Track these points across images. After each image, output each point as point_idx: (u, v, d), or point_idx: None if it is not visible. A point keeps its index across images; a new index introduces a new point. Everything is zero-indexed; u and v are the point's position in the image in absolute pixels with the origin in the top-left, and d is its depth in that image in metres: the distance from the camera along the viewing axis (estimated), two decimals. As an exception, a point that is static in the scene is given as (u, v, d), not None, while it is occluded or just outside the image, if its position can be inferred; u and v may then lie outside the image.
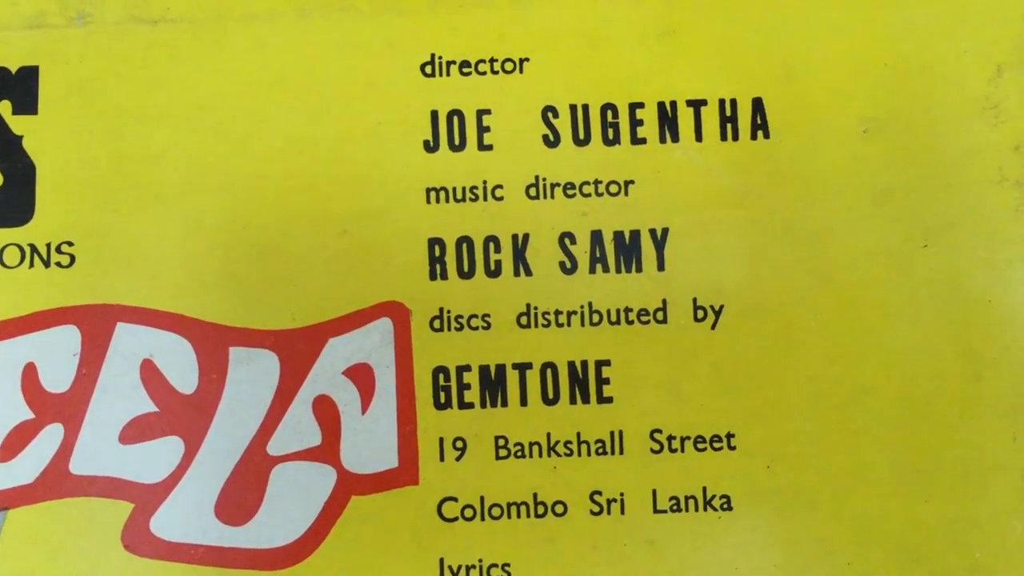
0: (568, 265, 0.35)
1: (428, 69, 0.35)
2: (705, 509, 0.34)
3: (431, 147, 0.35)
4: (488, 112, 0.35)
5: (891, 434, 0.34)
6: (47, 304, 0.34)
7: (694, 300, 0.34)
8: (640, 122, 0.35)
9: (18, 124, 0.35)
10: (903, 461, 0.34)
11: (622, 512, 0.34)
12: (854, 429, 0.34)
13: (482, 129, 0.35)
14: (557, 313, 0.34)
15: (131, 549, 0.33)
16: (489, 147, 0.35)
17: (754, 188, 0.35)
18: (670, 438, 0.34)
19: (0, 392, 0.34)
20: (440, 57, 0.35)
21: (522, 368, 0.34)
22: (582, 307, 0.34)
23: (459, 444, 0.34)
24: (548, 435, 0.34)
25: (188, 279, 0.34)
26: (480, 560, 0.33)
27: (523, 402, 0.34)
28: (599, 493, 0.34)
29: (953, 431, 0.34)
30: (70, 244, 0.34)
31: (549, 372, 0.34)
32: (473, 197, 0.35)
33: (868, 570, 0.33)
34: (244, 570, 0.33)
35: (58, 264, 0.34)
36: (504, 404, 0.34)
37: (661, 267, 0.34)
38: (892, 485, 0.33)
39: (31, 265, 0.34)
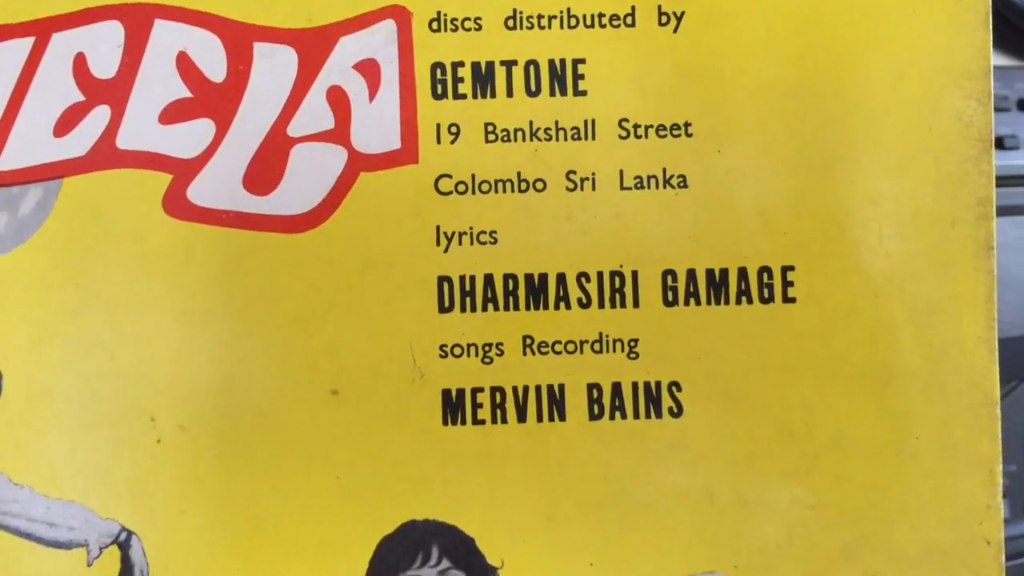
0: (549, -24, 0.40)
1: None
2: (664, 187, 0.39)
3: None
4: None
5: (822, 123, 0.39)
6: (93, 2, 0.39)
7: (659, 7, 0.39)
8: None
9: None
10: (826, 144, 0.39)
11: (593, 188, 0.39)
12: (792, 118, 0.39)
13: None
14: (539, 16, 0.39)
15: (170, 213, 0.39)
16: None
17: (713, -89, 0.40)
18: (635, 126, 0.39)
19: (56, 78, 0.39)
20: None
21: (508, 65, 0.39)
22: (561, 12, 0.39)
23: (453, 129, 0.39)
24: (530, 122, 0.39)
25: (216, -16, 0.39)
26: (471, 227, 0.39)
27: (509, 94, 0.39)
28: (574, 172, 0.39)
29: (875, 125, 0.39)
30: (112, -50, 0.39)
31: (532, 68, 0.39)
32: (467, -84, 0.40)
33: (801, 240, 0.39)
34: (267, 232, 0.39)
35: (102, -32, 0.39)
36: (493, 96, 0.39)
37: (631, -21, 0.40)
38: (822, 165, 0.39)
39: (78, -32, 0.39)
